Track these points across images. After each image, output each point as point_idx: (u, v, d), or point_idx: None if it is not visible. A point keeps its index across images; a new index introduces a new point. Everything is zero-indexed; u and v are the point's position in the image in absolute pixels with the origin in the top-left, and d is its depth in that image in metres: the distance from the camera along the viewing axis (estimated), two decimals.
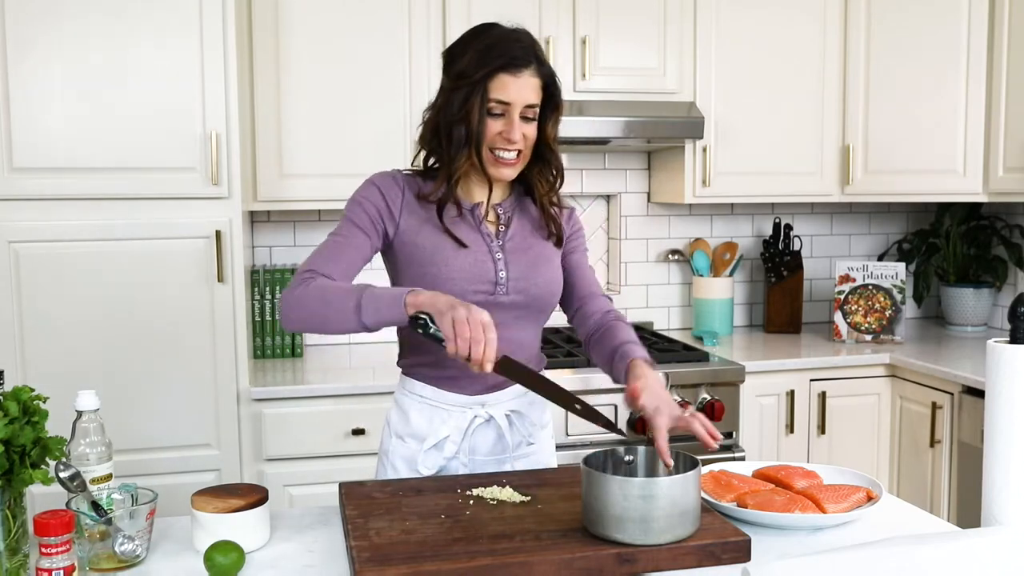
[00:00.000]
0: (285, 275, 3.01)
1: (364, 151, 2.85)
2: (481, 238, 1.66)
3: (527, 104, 1.58)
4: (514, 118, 1.58)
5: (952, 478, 2.81)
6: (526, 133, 1.60)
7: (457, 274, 1.61)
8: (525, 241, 1.69)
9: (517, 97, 1.57)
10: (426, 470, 1.68)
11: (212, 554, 1.27)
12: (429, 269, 1.61)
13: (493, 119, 1.59)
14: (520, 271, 1.66)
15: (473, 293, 1.61)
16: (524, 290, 1.66)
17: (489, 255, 1.65)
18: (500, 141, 1.59)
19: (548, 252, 1.72)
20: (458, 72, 1.60)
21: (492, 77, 1.56)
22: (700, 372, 2.82)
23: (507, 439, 1.69)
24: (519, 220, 1.71)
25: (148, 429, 2.52)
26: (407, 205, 1.66)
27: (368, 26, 2.85)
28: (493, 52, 1.57)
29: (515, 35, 1.61)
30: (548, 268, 1.70)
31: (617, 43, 3.05)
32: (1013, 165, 2.97)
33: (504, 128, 1.59)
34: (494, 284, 1.64)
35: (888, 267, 3.29)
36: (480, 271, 1.63)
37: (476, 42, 1.60)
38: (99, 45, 2.43)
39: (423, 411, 1.70)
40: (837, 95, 3.25)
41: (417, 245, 1.64)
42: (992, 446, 1.35)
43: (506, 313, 1.63)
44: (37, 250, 2.44)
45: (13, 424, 1.24)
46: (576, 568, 1.26)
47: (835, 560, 1.15)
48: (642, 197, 3.51)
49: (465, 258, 1.62)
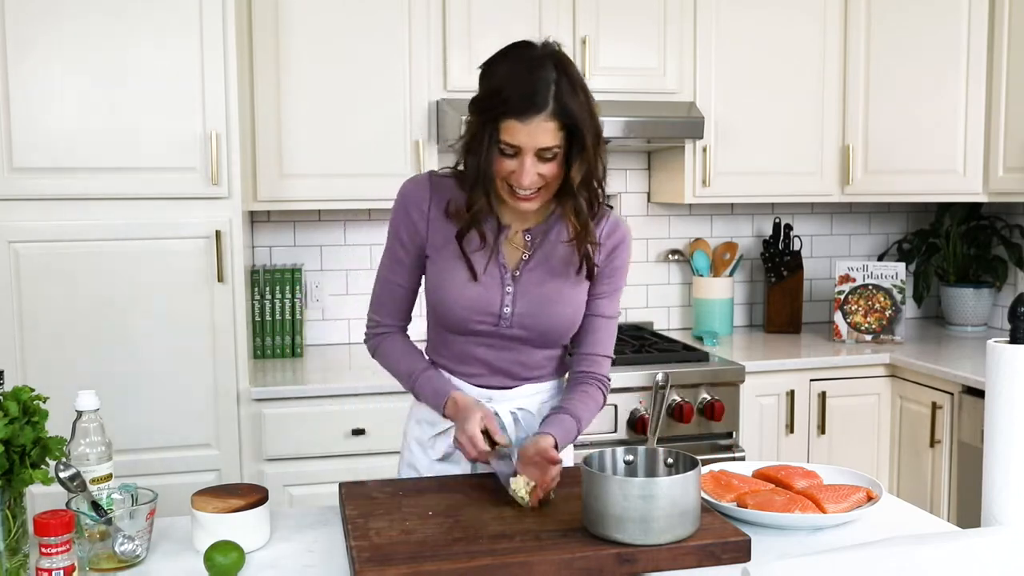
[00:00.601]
0: (285, 275, 3.01)
1: (364, 151, 2.85)
2: (496, 269, 1.63)
3: (540, 147, 1.48)
4: (524, 161, 1.49)
5: (952, 478, 2.81)
6: (542, 173, 1.51)
7: (465, 303, 1.62)
8: (543, 275, 1.64)
9: (527, 142, 1.48)
10: (434, 453, 1.72)
11: (212, 554, 1.27)
12: (439, 293, 1.64)
13: (505, 159, 1.51)
14: (528, 307, 1.63)
15: (476, 323, 1.63)
16: (530, 326, 1.64)
17: (500, 288, 1.63)
18: (513, 180, 1.52)
19: (567, 287, 1.65)
20: (475, 100, 1.54)
21: (501, 120, 1.48)
22: (700, 372, 2.82)
23: (511, 436, 1.69)
24: (546, 248, 1.64)
25: (148, 429, 2.52)
26: (433, 220, 1.63)
27: (368, 26, 2.84)
28: (500, 94, 1.48)
29: (535, 69, 1.48)
30: (562, 305, 1.65)
31: (617, 43, 3.05)
32: (1013, 165, 2.97)
33: (516, 169, 1.51)
34: (498, 317, 1.64)
35: (888, 267, 3.29)
36: (486, 304, 1.63)
37: (497, 72, 1.52)
38: (99, 45, 2.43)
39: None
40: (837, 95, 3.25)
41: (435, 263, 1.65)
42: (992, 446, 1.35)
43: (512, 340, 1.66)
44: (37, 250, 2.44)
45: (13, 424, 1.24)
46: (576, 568, 1.26)
47: (835, 560, 1.15)
48: (642, 197, 3.51)
49: (474, 289, 1.62)
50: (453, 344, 1.69)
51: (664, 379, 1.56)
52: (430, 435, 1.73)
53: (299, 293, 3.03)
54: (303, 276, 3.12)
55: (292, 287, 3.02)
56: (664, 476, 1.40)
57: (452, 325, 1.66)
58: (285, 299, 3.01)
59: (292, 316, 3.02)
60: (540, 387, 1.73)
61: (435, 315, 1.69)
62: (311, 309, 3.23)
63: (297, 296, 3.02)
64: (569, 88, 1.48)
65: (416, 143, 2.88)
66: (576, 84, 1.50)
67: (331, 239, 3.24)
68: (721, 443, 2.83)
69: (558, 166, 1.52)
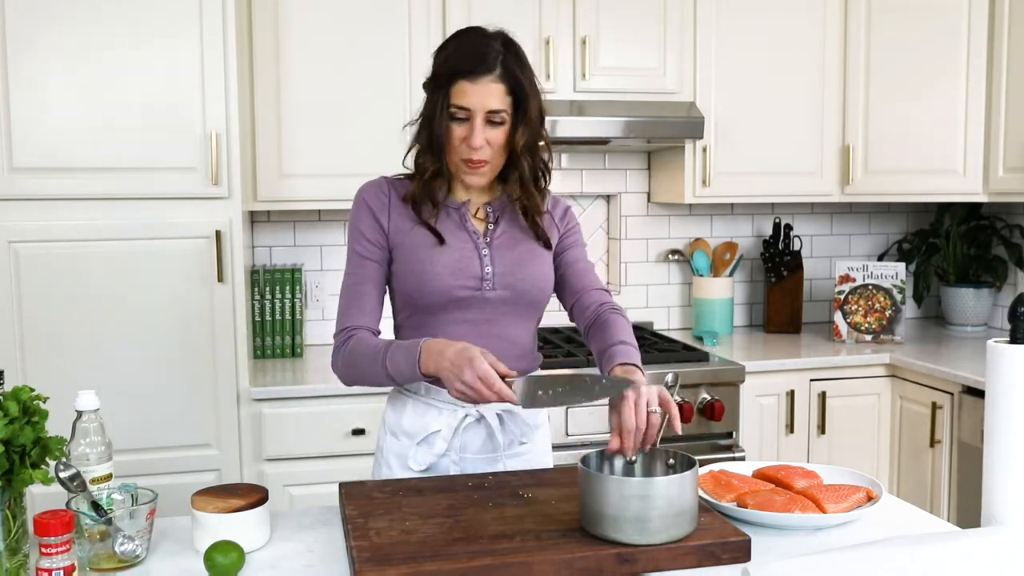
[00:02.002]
0: (285, 275, 3.01)
1: (364, 151, 2.85)
2: (467, 235, 1.67)
3: (488, 110, 1.58)
4: (475, 123, 1.58)
5: (952, 478, 2.81)
6: (490, 139, 1.60)
7: (442, 269, 1.63)
8: (513, 239, 1.70)
9: (477, 103, 1.57)
10: (416, 466, 1.69)
11: (212, 554, 1.27)
12: (415, 267, 1.64)
13: (457, 124, 1.60)
14: (506, 266, 1.67)
15: (459, 288, 1.63)
16: (511, 285, 1.66)
17: (475, 251, 1.66)
18: (463, 147, 1.61)
19: (537, 249, 1.72)
20: (430, 76, 1.64)
21: (453, 83, 1.58)
22: (700, 372, 2.82)
23: (498, 438, 1.69)
24: (508, 219, 1.71)
25: (148, 429, 2.52)
26: (394, 209, 1.68)
27: (368, 26, 2.85)
28: (455, 58, 1.59)
29: (484, 40, 1.60)
30: (536, 264, 1.70)
31: (617, 43, 3.05)
32: (1013, 165, 2.97)
33: (466, 133, 1.59)
34: (480, 279, 1.65)
35: (888, 267, 3.29)
36: (465, 266, 1.64)
37: (448, 46, 1.64)
38: (99, 45, 2.43)
39: (415, 408, 1.71)
40: (837, 95, 3.25)
41: (404, 245, 1.66)
42: (992, 446, 1.35)
43: (494, 309, 1.66)
44: (37, 250, 2.44)
45: (13, 424, 1.24)
46: (576, 568, 1.26)
47: (835, 560, 1.15)
48: (642, 197, 3.51)
49: (451, 255, 1.64)
50: (425, 333, 1.63)
51: (674, 379, 1.55)
52: (410, 447, 1.70)
53: (299, 293, 3.03)
54: (303, 276, 3.12)
55: (292, 287, 3.02)
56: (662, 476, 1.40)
57: (435, 298, 1.63)
58: (285, 299, 3.01)
59: (292, 316, 3.02)
60: None
61: (415, 299, 1.65)
62: (311, 309, 3.23)
63: (297, 296, 3.02)
64: (516, 60, 1.60)
65: None
66: (523, 60, 1.62)
67: (331, 239, 3.24)
68: (721, 443, 2.83)
69: (505, 135, 1.61)
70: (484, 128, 1.59)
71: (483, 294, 1.65)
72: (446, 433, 1.67)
